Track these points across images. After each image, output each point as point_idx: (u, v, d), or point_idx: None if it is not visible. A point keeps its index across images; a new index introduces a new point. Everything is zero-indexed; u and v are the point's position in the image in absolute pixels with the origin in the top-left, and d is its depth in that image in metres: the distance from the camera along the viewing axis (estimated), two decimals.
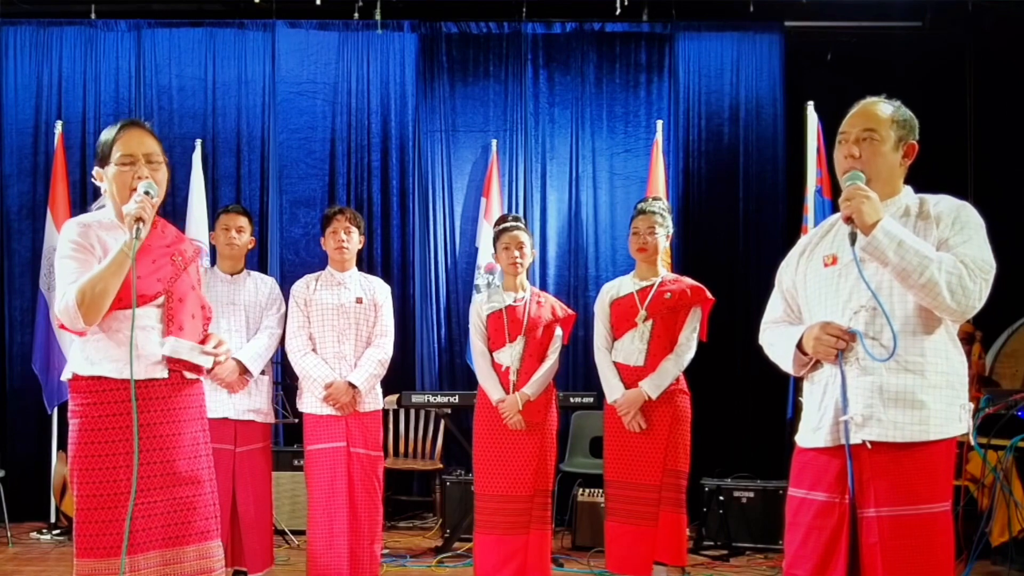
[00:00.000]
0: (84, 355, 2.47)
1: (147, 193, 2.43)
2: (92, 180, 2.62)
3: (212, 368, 2.59)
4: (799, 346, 2.28)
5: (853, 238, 2.14)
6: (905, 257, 2.08)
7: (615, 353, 3.93)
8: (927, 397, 2.14)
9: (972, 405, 2.26)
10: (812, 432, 2.27)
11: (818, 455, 2.25)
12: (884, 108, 2.30)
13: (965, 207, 2.25)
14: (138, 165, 2.49)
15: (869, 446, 2.14)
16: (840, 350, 2.19)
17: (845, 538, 2.16)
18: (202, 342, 2.58)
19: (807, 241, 2.44)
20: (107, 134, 2.55)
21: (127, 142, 2.50)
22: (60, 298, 2.41)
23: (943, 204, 2.25)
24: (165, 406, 2.48)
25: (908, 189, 2.32)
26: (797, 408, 2.43)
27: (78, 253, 2.46)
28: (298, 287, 4.03)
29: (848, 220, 2.16)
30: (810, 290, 2.34)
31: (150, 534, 2.42)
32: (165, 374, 2.48)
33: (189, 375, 2.54)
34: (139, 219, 2.36)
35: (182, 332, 2.52)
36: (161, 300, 2.50)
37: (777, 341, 2.40)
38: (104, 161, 2.53)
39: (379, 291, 4.08)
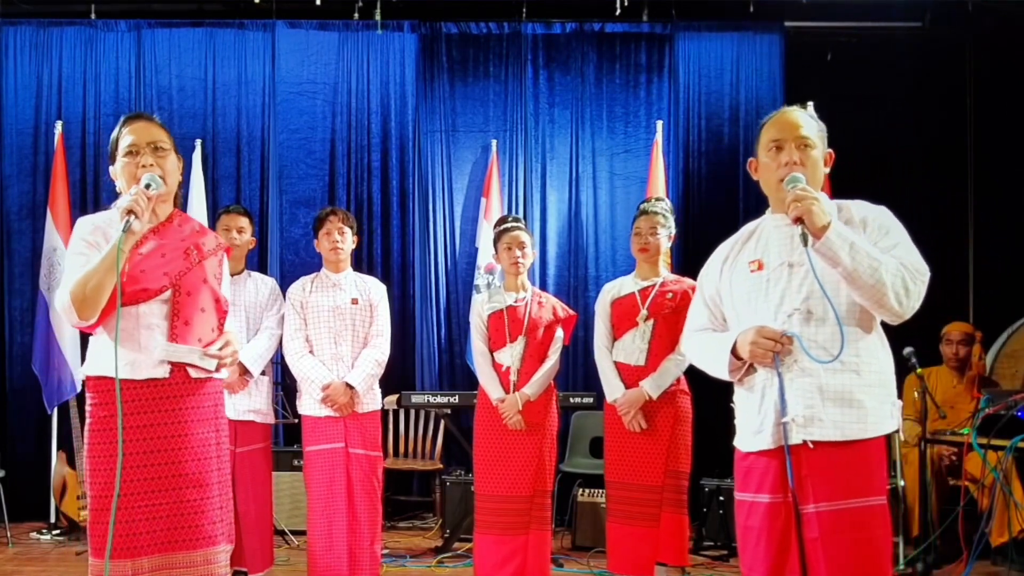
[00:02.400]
0: (91, 355, 2.48)
1: (147, 186, 2.40)
2: (111, 175, 2.60)
3: (217, 369, 2.55)
4: (733, 351, 2.30)
5: (805, 239, 2.16)
6: (856, 258, 2.11)
7: (616, 353, 3.93)
8: (864, 396, 2.19)
9: (901, 403, 2.30)
10: (753, 436, 2.30)
11: (758, 457, 2.28)
12: (807, 118, 2.34)
13: (885, 211, 2.29)
14: (142, 154, 2.47)
15: (811, 446, 2.17)
16: (776, 353, 2.21)
17: (795, 536, 2.20)
18: (213, 340, 2.54)
19: (728, 248, 2.46)
20: (115, 130, 2.55)
21: (130, 133, 2.50)
22: (60, 294, 2.40)
23: (866, 208, 2.30)
24: (171, 406, 2.44)
25: (824, 196, 2.34)
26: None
27: (86, 250, 2.44)
28: (294, 290, 4.02)
29: (798, 221, 2.17)
30: (736, 296, 2.36)
31: (155, 536, 2.39)
32: (166, 373, 2.44)
33: (195, 374, 2.49)
34: (130, 211, 2.33)
35: (188, 327, 2.48)
36: (167, 295, 2.46)
37: (705, 348, 2.42)
38: (113, 157, 2.53)
39: (374, 291, 4.08)
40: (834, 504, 2.16)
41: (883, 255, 2.15)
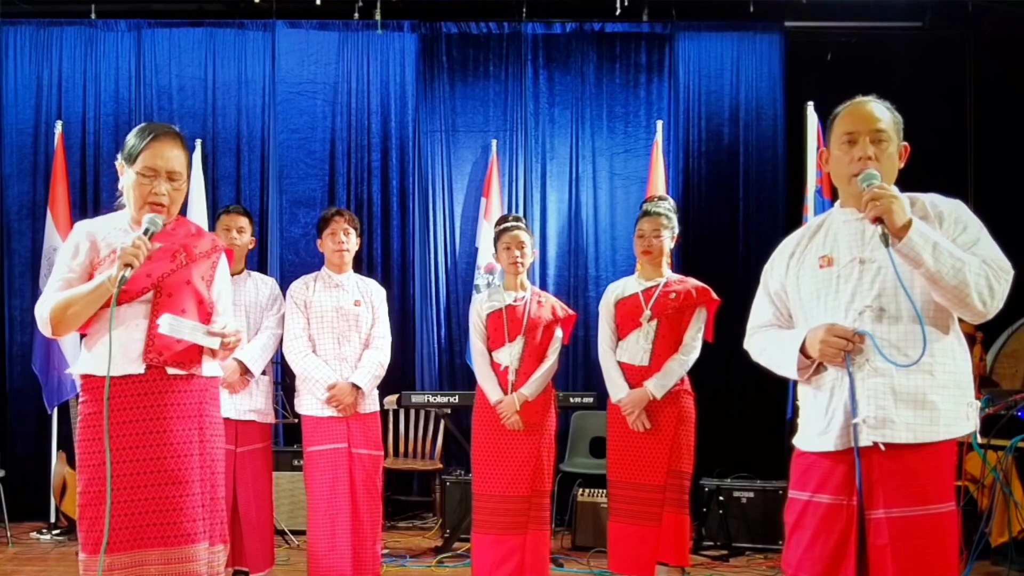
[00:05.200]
0: (80, 354, 2.51)
1: (146, 232, 2.41)
2: (116, 166, 2.59)
3: (222, 347, 2.50)
4: (802, 350, 2.24)
5: (886, 239, 2.08)
6: (940, 259, 2.04)
7: (620, 353, 3.92)
8: (937, 397, 2.12)
9: (978, 403, 2.23)
10: (818, 436, 2.23)
11: (822, 458, 2.22)
12: (884, 110, 2.27)
13: (961, 205, 2.23)
14: (158, 180, 2.49)
15: (883, 447, 2.11)
16: (848, 352, 2.15)
17: (854, 540, 2.14)
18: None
19: (795, 243, 2.38)
20: (138, 138, 2.52)
21: (153, 154, 2.49)
22: (41, 302, 2.44)
23: (940, 203, 2.22)
24: (150, 403, 2.45)
25: (894, 189, 2.31)
26: (797, 409, 2.41)
27: (73, 260, 2.48)
28: (296, 288, 4.01)
29: (877, 220, 2.09)
30: (804, 292, 2.30)
31: (134, 532, 2.40)
32: (141, 370, 2.45)
33: (172, 371, 2.47)
34: (128, 265, 2.33)
35: None
36: (149, 296, 2.48)
37: (771, 346, 2.36)
38: (129, 160, 2.52)
39: (376, 294, 4.08)
40: (907, 510, 2.10)
41: (965, 254, 2.09)
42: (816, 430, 2.25)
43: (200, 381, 2.55)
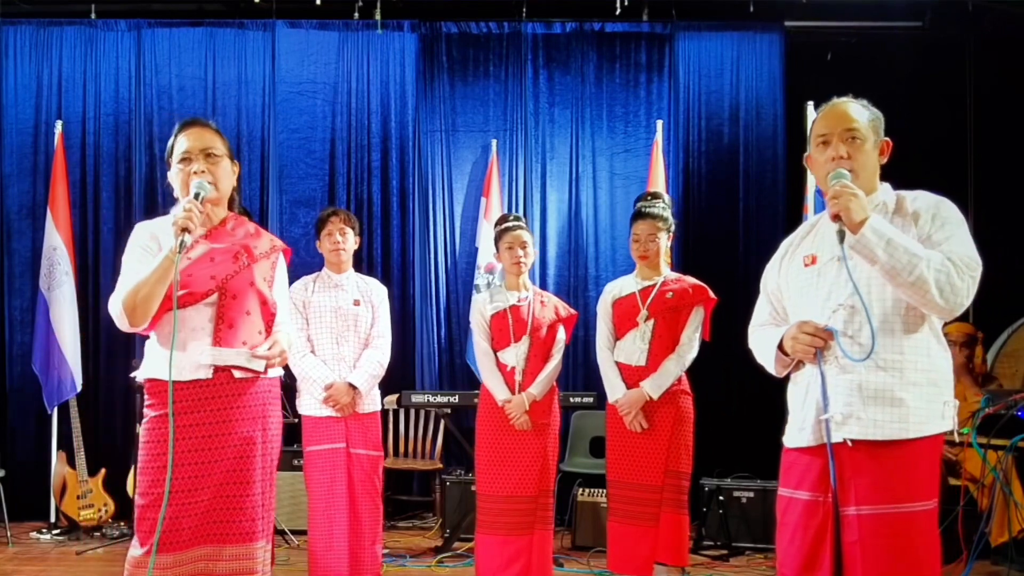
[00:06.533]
0: (146, 359, 2.52)
1: (196, 196, 2.42)
2: (169, 178, 2.61)
3: (265, 371, 2.55)
4: (780, 346, 2.28)
5: (842, 236, 2.13)
6: (894, 255, 2.07)
7: (617, 353, 3.92)
8: (906, 395, 2.13)
9: (957, 402, 2.23)
10: (797, 432, 2.28)
11: (801, 454, 2.26)
12: (859, 108, 2.30)
13: (944, 202, 2.24)
14: (194, 161, 2.50)
15: (850, 444, 2.14)
16: (818, 348, 2.18)
17: (830, 537, 2.16)
18: (259, 343, 2.55)
19: (789, 243, 2.44)
20: (172, 137, 2.57)
21: (184, 139, 2.52)
22: (112, 299, 2.44)
23: (921, 200, 2.25)
24: (215, 406, 2.47)
25: (886, 186, 2.32)
26: None
27: (143, 258, 2.48)
28: (296, 289, 4.00)
29: (836, 218, 2.14)
30: (791, 290, 2.34)
31: (194, 532, 2.43)
32: (209, 375, 2.46)
33: (239, 375, 2.50)
34: (184, 229, 2.34)
35: (233, 331, 2.49)
36: (214, 298, 2.48)
37: (761, 344, 2.41)
38: (169, 164, 2.56)
39: (376, 293, 4.08)
40: (876, 508, 2.11)
41: (927, 250, 2.10)
42: (796, 425, 2.29)
43: (265, 382, 2.58)
